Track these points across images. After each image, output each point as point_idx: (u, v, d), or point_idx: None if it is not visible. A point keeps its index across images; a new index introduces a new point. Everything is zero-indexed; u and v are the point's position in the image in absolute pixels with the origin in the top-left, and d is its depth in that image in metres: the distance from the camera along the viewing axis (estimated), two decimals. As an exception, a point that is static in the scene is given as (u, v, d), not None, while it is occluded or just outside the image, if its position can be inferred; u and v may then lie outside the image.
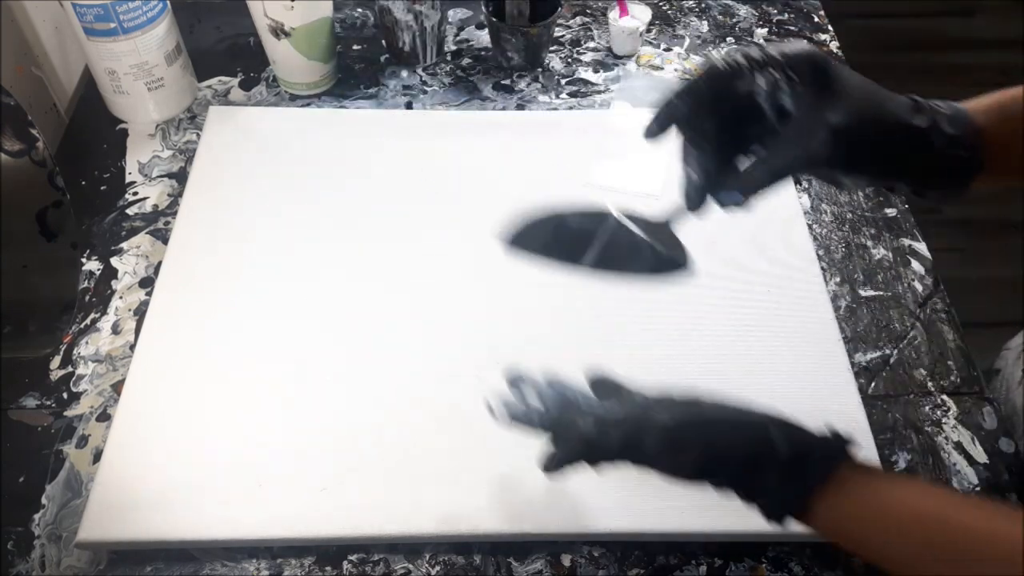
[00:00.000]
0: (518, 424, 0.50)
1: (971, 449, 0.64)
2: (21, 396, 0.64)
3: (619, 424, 0.46)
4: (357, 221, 0.73)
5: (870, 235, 0.77)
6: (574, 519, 0.57)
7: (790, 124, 0.43)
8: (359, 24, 0.95)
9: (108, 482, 0.57)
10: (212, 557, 0.57)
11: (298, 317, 0.67)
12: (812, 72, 0.43)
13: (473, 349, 0.65)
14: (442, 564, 0.57)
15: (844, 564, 0.58)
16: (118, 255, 0.73)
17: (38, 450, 0.61)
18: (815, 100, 0.43)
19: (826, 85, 0.43)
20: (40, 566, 0.56)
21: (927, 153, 0.44)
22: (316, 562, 0.57)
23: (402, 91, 0.88)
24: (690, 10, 0.99)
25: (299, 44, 0.81)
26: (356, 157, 0.78)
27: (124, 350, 0.66)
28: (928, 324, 0.71)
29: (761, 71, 0.44)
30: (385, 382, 0.63)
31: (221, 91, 0.87)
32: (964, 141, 0.45)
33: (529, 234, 0.52)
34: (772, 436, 0.43)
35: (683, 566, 0.57)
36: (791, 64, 0.44)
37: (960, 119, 0.45)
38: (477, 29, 0.95)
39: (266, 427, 0.60)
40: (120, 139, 0.82)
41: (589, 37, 0.94)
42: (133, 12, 0.74)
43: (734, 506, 0.58)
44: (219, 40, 0.92)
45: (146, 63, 0.78)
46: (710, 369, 0.65)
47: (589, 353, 0.65)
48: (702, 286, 0.70)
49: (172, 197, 0.77)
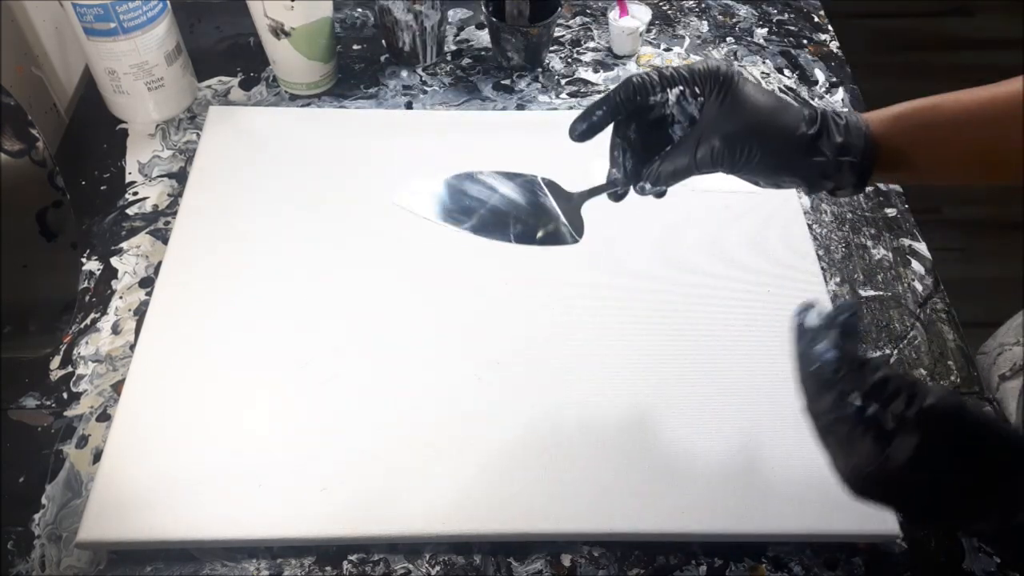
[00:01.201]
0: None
1: (971, 449, 0.64)
2: (21, 396, 0.64)
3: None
4: (357, 221, 0.73)
5: (870, 235, 0.77)
6: (574, 519, 0.57)
7: (689, 131, 0.52)
8: (359, 24, 0.95)
9: (108, 482, 0.57)
10: (212, 557, 0.57)
11: (298, 317, 0.67)
12: (716, 86, 0.51)
13: (473, 349, 0.65)
14: (442, 564, 0.57)
15: (844, 564, 0.58)
16: (118, 255, 0.73)
17: (38, 450, 0.61)
18: (715, 110, 0.51)
19: (727, 97, 0.51)
20: (40, 566, 0.56)
21: (816, 158, 0.51)
22: (316, 562, 0.57)
23: (402, 91, 0.88)
24: (690, 10, 0.99)
25: (299, 44, 0.81)
26: (356, 157, 0.78)
27: (124, 350, 0.66)
28: (928, 324, 0.71)
29: (671, 86, 0.52)
30: (385, 382, 0.63)
31: (221, 91, 0.87)
32: (854, 148, 0.50)
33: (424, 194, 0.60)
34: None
35: (683, 566, 0.57)
36: (697, 79, 0.51)
37: (854, 128, 0.51)
38: (477, 29, 0.95)
39: (266, 427, 0.60)
40: (120, 139, 0.82)
41: (589, 37, 0.94)
42: (133, 12, 0.74)
43: (734, 506, 0.58)
44: (219, 40, 0.92)
45: (146, 63, 0.78)
46: (710, 369, 0.65)
47: (589, 353, 0.66)
48: (702, 286, 0.70)
49: (172, 197, 0.77)
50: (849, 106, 0.88)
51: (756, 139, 0.51)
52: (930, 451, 0.38)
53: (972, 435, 0.39)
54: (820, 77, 0.91)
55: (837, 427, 0.40)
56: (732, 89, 0.51)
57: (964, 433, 0.38)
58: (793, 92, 0.89)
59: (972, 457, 0.38)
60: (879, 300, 0.72)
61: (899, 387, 0.40)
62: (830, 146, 0.51)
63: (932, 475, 0.39)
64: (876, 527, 0.57)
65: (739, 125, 0.50)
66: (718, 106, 0.51)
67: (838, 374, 0.41)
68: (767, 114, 0.51)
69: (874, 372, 0.40)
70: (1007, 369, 0.71)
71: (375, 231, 0.73)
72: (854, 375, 0.41)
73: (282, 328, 0.66)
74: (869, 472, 0.39)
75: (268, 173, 0.77)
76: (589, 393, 0.63)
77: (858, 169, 0.51)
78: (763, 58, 0.93)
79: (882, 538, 0.58)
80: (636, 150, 0.55)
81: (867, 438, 0.39)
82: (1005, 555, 0.43)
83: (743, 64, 0.92)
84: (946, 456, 0.38)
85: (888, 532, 0.57)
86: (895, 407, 0.39)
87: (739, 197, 0.77)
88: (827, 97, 0.89)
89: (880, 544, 0.59)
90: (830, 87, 0.90)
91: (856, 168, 0.51)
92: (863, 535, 0.58)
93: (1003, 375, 0.71)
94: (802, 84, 0.90)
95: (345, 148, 0.79)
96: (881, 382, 0.40)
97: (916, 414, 0.38)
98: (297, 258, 0.70)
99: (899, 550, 0.59)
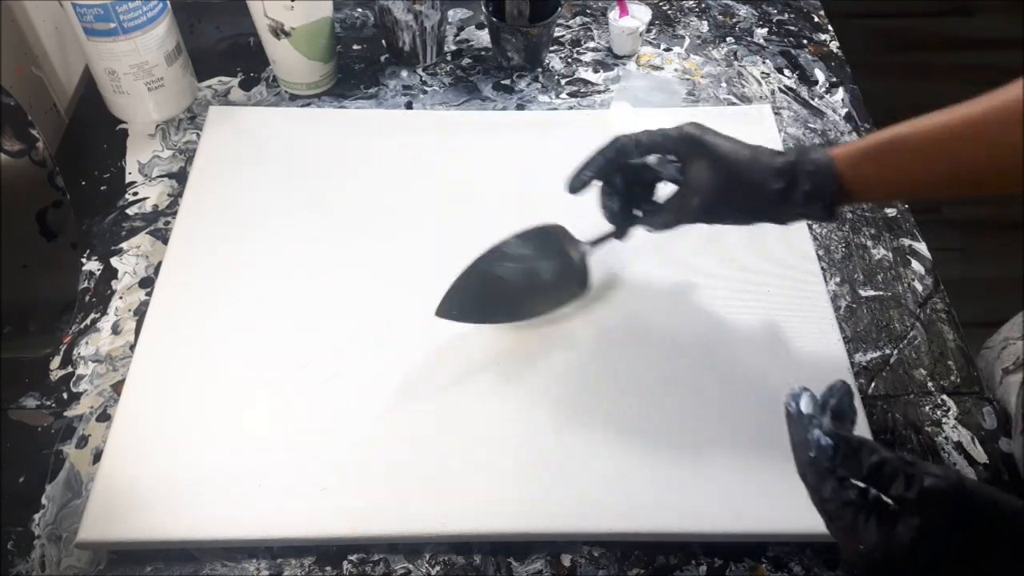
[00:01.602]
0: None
1: (971, 449, 0.64)
2: (21, 396, 0.64)
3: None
4: (357, 221, 0.73)
5: (870, 235, 0.77)
6: (574, 519, 0.57)
7: (672, 195, 0.59)
8: (359, 24, 0.95)
9: (108, 482, 0.57)
10: (212, 557, 0.57)
11: (298, 317, 0.67)
12: (688, 148, 0.57)
13: (474, 349, 0.65)
14: (442, 564, 0.57)
15: (844, 564, 0.58)
16: (118, 255, 0.73)
17: (38, 450, 0.61)
18: (691, 172, 0.57)
19: (702, 160, 0.56)
20: (40, 566, 0.56)
21: (786, 206, 0.56)
22: (316, 562, 0.57)
23: (402, 91, 0.88)
24: (690, 10, 0.99)
25: (299, 44, 0.81)
26: (356, 157, 0.78)
27: (124, 350, 0.66)
28: (928, 324, 0.71)
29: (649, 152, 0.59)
30: (385, 382, 0.63)
31: (221, 91, 0.87)
32: (822, 192, 0.55)
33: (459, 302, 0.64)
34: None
35: (683, 566, 0.57)
36: (671, 146, 0.58)
37: (823, 171, 0.55)
38: (477, 29, 0.95)
39: (266, 427, 0.60)
40: (120, 139, 0.82)
41: (589, 37, 0.94)
42: (133, 12, 0.74)
43: (734, 506, 0.58)
44: (219, 40, 0.92)
45: (146, 63, 0.78)
46: (710, 369, 0.65)
47: (589, 353, 0.66)
48: (702, 286, 0.70)
49: (172, 197, 0.77)
50: (849, 106, 0.88)
51: (730, 200, 0.57)
52: (932, 531, 0.39)
53: (972, 510, 0.39)
54: (820, 77, 0.91)
55: (842, 513, 0.41)
56: (705, 151, 0.56)
57: (964, 509, 0.39)
58: (793, 92, 0.89)
59: (972, 532, 0.39)
60: (879, 300, 0.72)
61: (896, 468, 0.40)
62: (799, 195, 0.55)
63: (938, 556, 0.39)
64: (876, 527, 0.57)
65: (714, 188, 0.56)
66: (695, 166, 0.57)
67: (835, 461, 0.42)
68: (738, 174, 0.56)
69: (870, 456, 0.41)
70: (1011, 363, 0.71)
71: (375, 231, 0.73)
72: (851, 461, 0.41)
73: (282, 328, 0.66)
74: (876, 558, 0.40)
75: (268, 173, 0.77)
76: (589, 393, 0.63)
77: (828, 208, 0.56)
78: (763, 58, 0.93)
79: (882, 538, 0.58)
80: (622, 195, 0.62)
81: (871, 523, 0.40)
82: None
83: (743, 64, 0.92)
84: (947, 534, 0.39)
85: (888, 532, 0.57)
86: (895, 489, 0.40)
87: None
88: (827, 97, 0.89)
89: (880, 544, 0.59)
90: (830, 87, 0.90)
91: (826, 208, 0.56)
92: (863, 535, 0.58)
93: (1007, 368, 0.71)
94: (802, 84, 0.90)
95: (345, 148, 0.79)
96: (878, 465, 0.41)
97: (917, 495, 0.39)
98: (297, 258, 0.70)
99: (899, 550, 0.59)
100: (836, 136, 0.85)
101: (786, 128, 0.86)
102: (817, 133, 0.85)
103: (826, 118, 0.87)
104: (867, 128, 0.87)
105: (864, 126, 0.87)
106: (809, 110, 0.88)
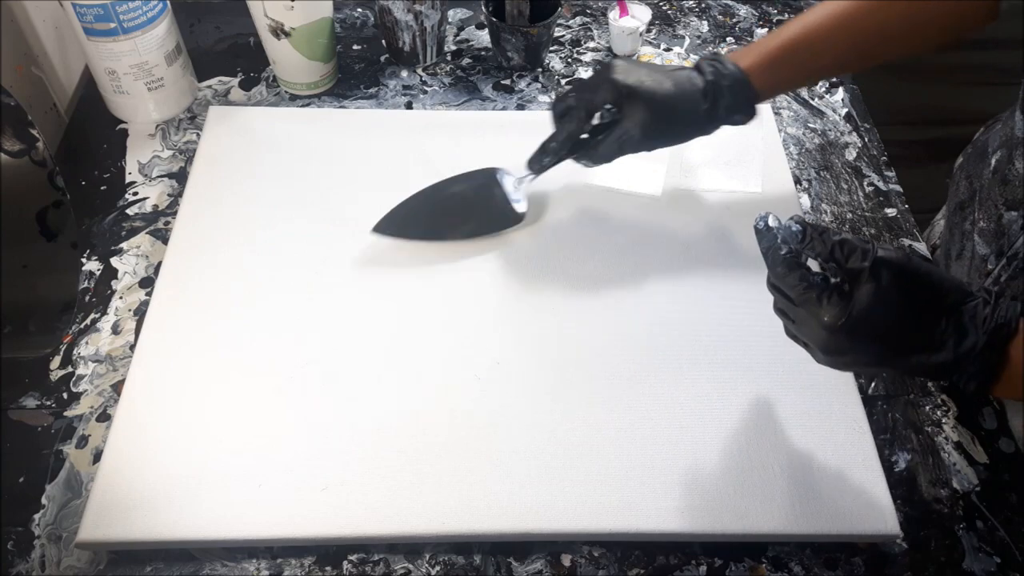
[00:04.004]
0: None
1: (971, 449, 0.64)
2: (21, 396, 0.64)
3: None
4: (357, 221, 0.73)
5: (870, 235, 0.77)
6: (574, 519, 0.57)
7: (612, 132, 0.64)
8: (359, 24, 0.95)
9: (108, 482, 0.57)
10: (212, 557, 0.57)
11: (298, 317, 0.67)
12: (622, 95, 0.63)
13: (474, 350, 0.65)
14: (442, 564, 0.57)
15: (844, 564, 0.58)
16: (118, 255, 0.73)
17: (38, 450, 0.61)
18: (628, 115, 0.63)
19: (635, 99, 0.62)
20: (40, 566, 0.56)
21: (713, 122, 0.66)
22: (316, 562, 0.57)
23: (402, 91, 0.88)
24: (690, 10, 0.99)
25: (299, 44, 0.81)
26: (356, 157, 0.78)
27: (124, 350, 0.66)
28: (928, 324, 0.71)
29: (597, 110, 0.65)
30: (385, 382, 0.63)
31: (221, 91, 0.87)
32: (741, 104, 0.64)
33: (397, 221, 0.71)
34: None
35: (683, 566, 0.57)
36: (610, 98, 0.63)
37: (739, 86, 0.64)
38: (477, 29, 0.95)
39: (266, 427, 0.60)
40: (120, 139, 0.82)
41: (589, 37, 0.94)
42: (133, 12, 0.74)
43: (734, 506, 0.58)
44: (219, 40, 0.92)
45: (146, 63, 0.78)
46: (710, 368, 0.65)
47: (589, 353, 0.66)
48: (702, 286, 0.70)
49: (172, 197, 0.77)
50: (849, 106, 0.88)
51: (666, 130, 0.65)
52: (886, 293, 0.47)
53: (917, 276, 0.48)
54: (820, 77, 0.91)
55: (808, 295, 0.49)
56: (637, 95, 0.62)
57: (910, 274, 0.48)
58: (793, 92, 0.89)
59: (919, 295, 0.48)
60: (879, 300, 0.72)
61: (855, 244, 0.48)
62: (722, 108, 0.64)
63: (890, 314, 0.47)
64: (876, 527, 0.57)
65: (651, 123, 0.63)
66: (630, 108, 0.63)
67: (803, 242, 0.49)
68: (672, 107, 0.63)
69: (832, 236, 0.49)
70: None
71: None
72: (816, 241, 0.49)
73: (282, 328, 0.66)
74: (840, 326, 0.47)
75: (268, 173, 0.77)
76: (589, 393, 0.63)
77: (748, 113, 0.65)
78: (763, 58, 0.93)
79: (882, 538, 0.58)
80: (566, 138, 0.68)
81: (834, 298, 0.48)
82: (967, 387, 0.48)
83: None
84: (896, 296, 0.47)
85: (888, 532, 0.57)
86: (853, 261, 0.48)
87: (739, 197, 0.77)
88: (827, 97, 0.89)
89: (880, 544, 0.59)
90: (830, 87, 0.90)
91: (747, 114, 0.65)
92: (863, 535, 0.58)
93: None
94: (802, 84, 0.90)
95: (345, 148, 0.79)
96: (840, 243, 0.48)
97: (872, 262, 0.47)
98: (297, 258, 0.70)
99: (899, 550, 0.59)
100: (836, 136, 0.85)
101: (786, 128, 0.86)
102: (817, 133, 0.85)
103: (826, 118, 0.87)
104: (867, 128, 0.87)
105: (864, 126, 0.87)
106: (809, 110, 0.88)
